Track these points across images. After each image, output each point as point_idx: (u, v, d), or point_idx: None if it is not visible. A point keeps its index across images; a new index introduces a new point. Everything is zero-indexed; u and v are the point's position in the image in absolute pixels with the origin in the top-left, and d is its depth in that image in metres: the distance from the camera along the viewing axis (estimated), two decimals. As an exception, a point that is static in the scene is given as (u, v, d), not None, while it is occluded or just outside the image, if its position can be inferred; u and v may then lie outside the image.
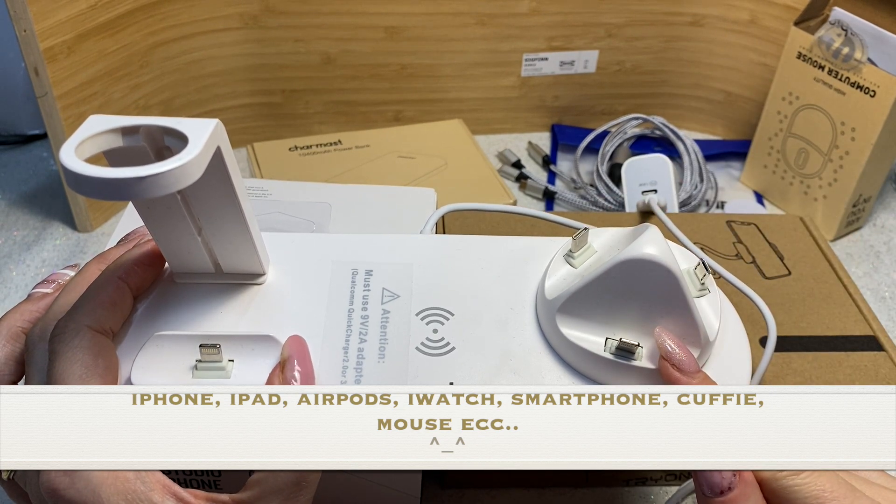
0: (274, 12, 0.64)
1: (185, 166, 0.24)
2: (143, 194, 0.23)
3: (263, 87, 0.69)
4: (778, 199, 0.67)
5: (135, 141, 0.26)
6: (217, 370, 0.30)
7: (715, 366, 0.33)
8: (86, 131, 0.25)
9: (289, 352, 0.30)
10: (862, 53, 0.57)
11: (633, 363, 0.31)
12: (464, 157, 0.66)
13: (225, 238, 0.32)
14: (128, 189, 0.23)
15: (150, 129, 0.26)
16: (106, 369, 0.29)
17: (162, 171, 0.23)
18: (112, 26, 0.58)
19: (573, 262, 0.34)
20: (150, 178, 0.23)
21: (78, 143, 0.24)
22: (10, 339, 0.32)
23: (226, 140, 0.28)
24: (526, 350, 0.33)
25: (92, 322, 0.30)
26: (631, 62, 0.73)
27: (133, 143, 0.26)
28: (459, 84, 0.72)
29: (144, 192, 0.23)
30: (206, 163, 0.25)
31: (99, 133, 0.25)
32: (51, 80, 0.54)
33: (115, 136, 0.26)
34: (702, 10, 0.70)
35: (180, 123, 0.26)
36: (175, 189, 0.24)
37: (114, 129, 0.26)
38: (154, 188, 0.23)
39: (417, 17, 0.67)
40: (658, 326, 0.31)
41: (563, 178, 0.69)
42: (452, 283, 0.36)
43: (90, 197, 0.24)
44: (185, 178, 0.24)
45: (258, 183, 0.51)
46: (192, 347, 0.30)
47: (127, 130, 0.26)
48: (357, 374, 0.32)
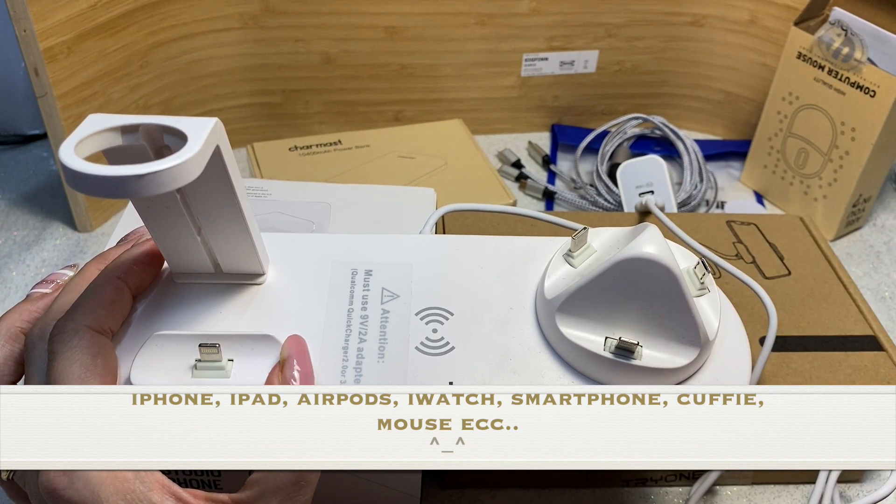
0: (274, 12, 0.64)
1: (185, 164, 0.24)
2: (143, 192, 0.23)
3: (263, 87, 0.69)
4: (778, 199, 0.67)
5: (134, 140, 0.26)
6: (216, 370, 0.30)
7: (715, 365, 0.33)
8: (85, 130, 0.25)
9: (288, 351, 0.30)
10: (862, 53, 0.57)
11: (632, 362, 0.31)
12: (464, 157, 0.66)
13: (224, 237, 0.32)
14: (127, 187, 0.23)
15: (149, 128, 0.26)
16: (105, 369, 0.29)
17: (161, 169, 0.23)
18: (112, 26, 0.58)
19: (573, 261, 0.34)
20: (149, 175, 0.23)
21: (77, 142, 0.24)
22: (9, 340, 0.32)
23: (225, 139, 0.28)
24: (526, 349, 0.33)
25: (91, 322, 0.30)
26: (631, 62, 0.73)
27: (132, 141, 0.26)
28: (459, 84, 0.71)
29: (144, 190, 0.23)
30: (205, 161, 0.25)
31: (98, 132, 0.25)
32: (51, 80, 0.54)
33: (114, 135, 0.26)
34: (702, 10, 0.70)
35: (179, 122, 0.26)
36: (174, 187, 0.24)
37: (113, 128, 0.26)
38: (153, 186, 0.23)
39: (417, 17, 0.67)
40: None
41: (563, 178, 0.69)
42: (452, 282, 0.36)
43: (90, 195, 0.24)
44: (185, 175, 0.24)
45: (258, 183, 0.51)
46: (192, 347, 0.30)
47: (126, 129, 0.26)
48: (357, 373, 0.32)
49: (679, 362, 0.32)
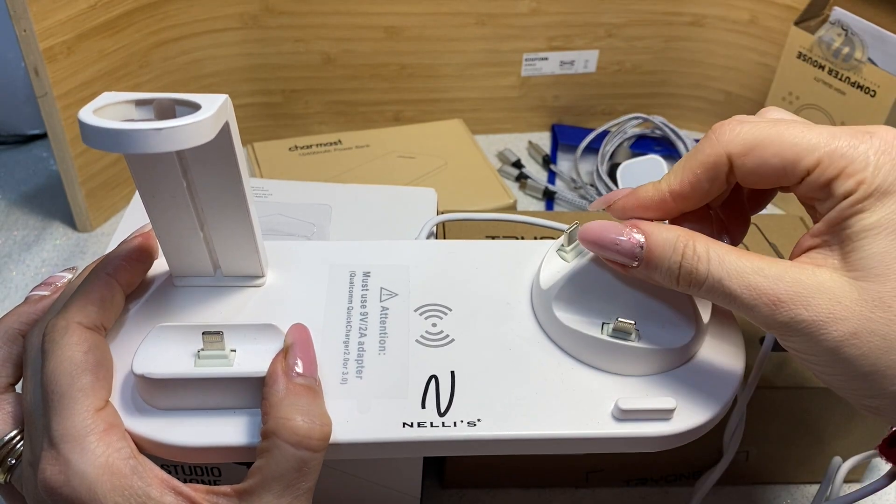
0: (274, 12, 0.64)
1: (200, 123, 0.25)
2: (160, 147, 0.24)
3: (263, 87, 0.69)
4: (778, 199, 0.67)
5: (147, 113, 0.27)
6: (219, 358, 0.30)
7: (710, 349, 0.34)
8: (101, 101, 0.26)
9: (291, 339, 0.30)
10: (862, 53, 0.57)
11: (630, 343, 0.32)
12: (464, 157, 0.66)
13: (227, 231, 0.32)
14: (145, 140, 0.24)
15: (162, 102, 0.27)
16: (97, 364, 0.29)
17: (179, 125, 0.25)
18: (112, 26, 0.58)
19: (566, 255, 0.34)
20: (166, 130, 0.24)
21: (94, 110, 0.25)
22: (7, 342, 0.32)
23: (233, 118, 0.28)
24: (524, 340, 0.34)
25: (81, 318, 0.29)
26: (631, 62, 0.73)
27: (145, 115, 0.27)
28: (459, 84, 0.72)
29: (161, 145, 0.24)
30: (218, 126, 0.26)
31: (114, 103, 0.27)
32: (51, 80, 0.54)
33: (128, 108, 0.27)
34: (702, 10, 0.70)
35: (191, 96, 0.27)
36: (189, 145, 0.25)
37: (127, 101, 0.27)
38: (170, 141, 0.24)
39: (417, 17, 0.67)
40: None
41: (563, 177, 0.69)
42: (449, 282, 0.36)
43: (107, 150, 0.25)
44: (199, 135, 0.25)
45: (258, 183, 0.51)
46: (194, 337, 0.30)
47: (140, 102, 0.27)
48: (358, 365, 0.32)
49: (676, 343, 0.32)
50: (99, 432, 0.28)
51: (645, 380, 0.32)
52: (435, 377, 0.32)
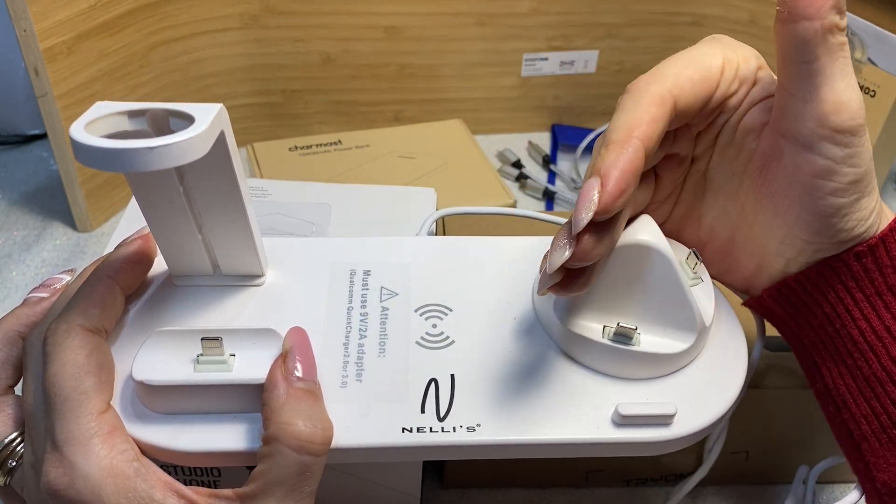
0: (274, 12, 0.64)
1: (193, 139, 0.25)
2: (152, 166, 0.24)
3: (263, 87, 0.69)
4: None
5: (140, 124, 0.27)
6: (218, 364, 0.30)
7: (712, 352, 0.34)
8: (93, 113, 0.26)
9: (290, 343, 0.30)
10: (862, 53, 0.57)
11: (631, 348, 0.32)
12: (464, 157, 0.66)
13: (225, 235, 0.32)
14: (138, 159, 0.24)
15: (155, 113, 0.27)
16: (99, 367, 0.29)
17: (171, 143, 0.24)
18: (112, 26, 0.58)
19: None
20: (159, 148, 0.24)
21: (86, 123, 0.25)
22: (7, 344, 0.32)
23: (229, 127, 0.28)
24: (525, 341, 0.33)
25: (83, 321, 0.29)
26: (631, 62, 0.73)
27: (138, 126, 0.27)
28: (459, 84, 0.71)
29: (153, 164, 0.24)
30: (212, 140, 0.26)
31: (106, 115, 0.26)
32: (51, 80, 0.54)
33: (121, 119, 0.27)
34: (702, 10, 0.70)
35: (185, 106, 0.27)
36: (182, 162, 0.25)
37: (120, 112, 0.27)
38: (163, 159, 0.24)
39: (417, 17, 0.67)
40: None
41: (563, 177, 0.69)
42: (450, 281, 0.36)
43: (100, 169, 0.25)
44: (193, 151, 0.25)
45: (258, 183, 0.50)
46: (193, 342, 0.30)
47: (133, 113, 0.27)
48: (358, 368, 0.32)
49: (677, 347, 0.32)
50: (103, 435, 0.28)
51: (646, 384, 0.32)
52: (435, 380, 0.32)
